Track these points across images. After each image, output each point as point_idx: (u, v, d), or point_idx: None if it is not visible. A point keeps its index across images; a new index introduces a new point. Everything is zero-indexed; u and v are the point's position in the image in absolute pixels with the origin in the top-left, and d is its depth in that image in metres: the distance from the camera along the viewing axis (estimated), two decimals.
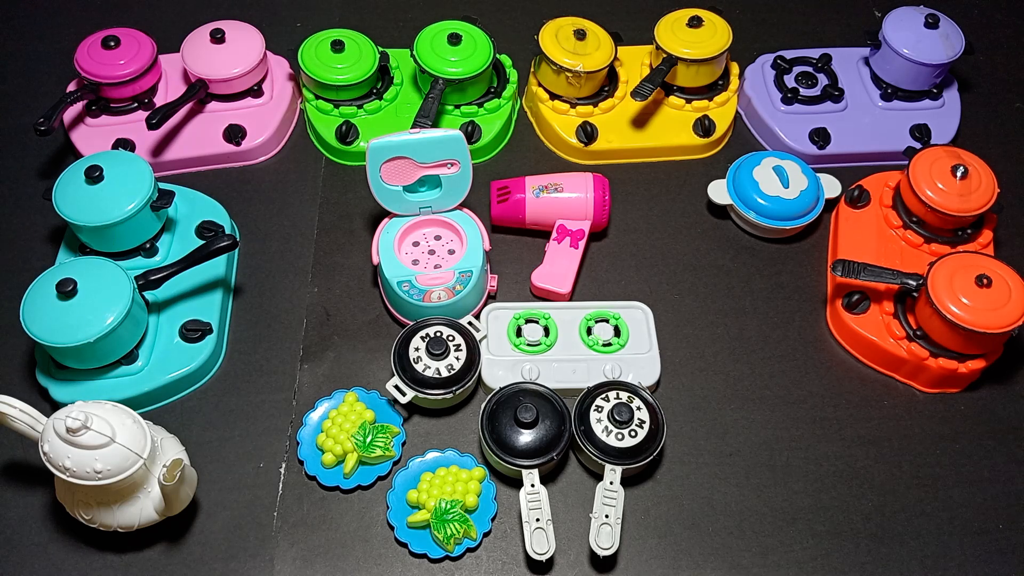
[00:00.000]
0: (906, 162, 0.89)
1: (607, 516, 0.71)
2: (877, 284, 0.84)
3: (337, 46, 0.95)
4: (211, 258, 0.82)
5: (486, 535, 0.74)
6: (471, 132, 0.97)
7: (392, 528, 0.74)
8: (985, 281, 0.77)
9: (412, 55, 0.95)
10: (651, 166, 0.99)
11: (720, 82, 1.01)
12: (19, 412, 0.67)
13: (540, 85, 0.99)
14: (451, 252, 0.86)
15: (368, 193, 0.84)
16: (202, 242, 0.83)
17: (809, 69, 1.03)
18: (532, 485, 0.72)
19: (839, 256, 0.87)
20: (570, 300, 0.88)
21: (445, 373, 0.78)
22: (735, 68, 1.03)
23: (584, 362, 0.82)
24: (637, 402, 0.76)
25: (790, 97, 1.00)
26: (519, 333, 0.84)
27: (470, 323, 0.82)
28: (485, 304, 0.86)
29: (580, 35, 0.95)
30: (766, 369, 0.85)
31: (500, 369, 0.81)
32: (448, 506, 0.73)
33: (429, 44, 0.95)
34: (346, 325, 0.86)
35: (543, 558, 0.70)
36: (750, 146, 1.01)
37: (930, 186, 0.86)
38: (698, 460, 0.79)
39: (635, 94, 0.93)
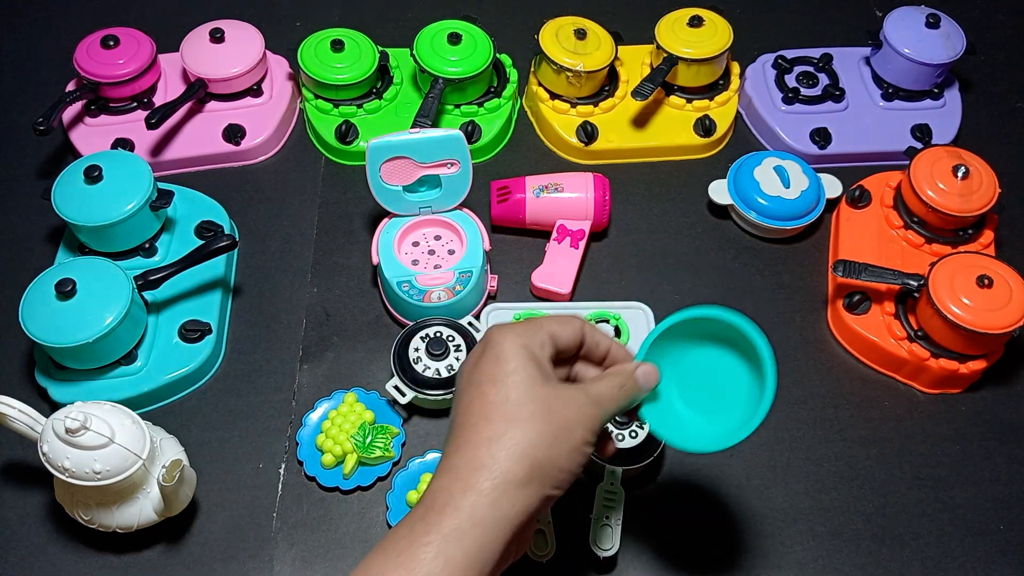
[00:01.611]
0: (907, 162, 0.89)
1: (607, 517, 0.71)
2: (878, 284, 0.84)
3: (337, 46, 0.95)
4: (210, 258, 0.81)
5: None
6: (471, 132, 0.97)
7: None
8: (986, 281, 0.77)
9: (412, 55, 0.95)
10: (651, 166, 0.99)
11: (721, 82, 1.01)
12: (18, 412, 0.66)
13: (540, 85, 0.99)
14: (451, 252, 0.86)
15: (368, 193, 0.84)
16: (201, 242, 0.83)
17: (810, 69, 1.03)
18: None
19: (840, 256, 0.87)
20: (570, 300, 0.87)
21: (445, 373, 0.78)
22: (736, 68, 1.03)
23: None
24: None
25: (791, 97, 1.00)
26: None
27: (470, 323, 0.82)
28: (485, 304, 0.86)
29: (580, 35, 0.95)
30: None
31: None
32: None
33: (429, 44, 0.95)
34: (346, 325, 0.86)
35: (544, 559, 0.70)
36: (751, 146, 1.01)
37: (931, 186, 0.85)
38: (698, 460, 0.79)
39: (636, 94, 0.92)
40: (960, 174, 0.84)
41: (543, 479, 0.50)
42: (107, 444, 0.64)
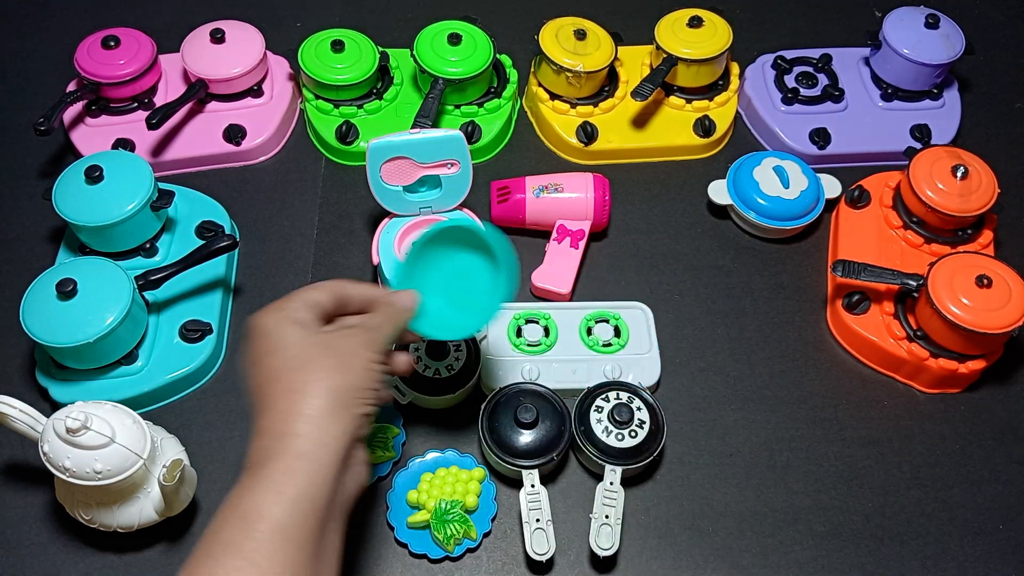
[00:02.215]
0: (906, 162, 0.89)
1: (607, 516, 0.71)
2: (877, 284, 0.84)
3: (337, 46, 0.95)
4: (211, 258, 0.82)
5: (486, 535, 0.74)
6: (471, 132, 0.97)
7: (392, 528, 0.74)
8: (985, 281, 0.77)
9: (412, 55, 0.95)
10: (651, 166, 0.99)
11: (720, 82, 1.01)
12: (19, 412, 0.67)
13: (540, 85, 0.99)
14: None
15: (368, 193, 0.84)
16: (202, 242, 0.83)
17: (809, 69, 1.03)
18: (532, 485, 0.72)
19: (839, 256, 0.87)
20: (570, 300, 0.87)
21: (445, 374, 0.78)
22: (735, 68, 1.03)
23: (584, 362, 0.82)
24: (637, 402, 0.76)
25: (790, 97, 1.00)
26: (519, 333, 0.83)
27: None
28: None
29: (580, 35, 0.95)
30: (766, 369, 0.85)
31: (500, 369, 0.81)
32: (448, 506, 0.73)
33: (429, 44, 0.95)
34: None
35: (543, 558, 0.70)
36: (750, 146, 1.01)
37: (930, 186, 0.86)
38: (698, 460, 0.79)
39: (635, 94, 0.93)
40: (959, 174, 0.85)
41: (348, 402, 0.55)
42: (108, 444, 0.64)
